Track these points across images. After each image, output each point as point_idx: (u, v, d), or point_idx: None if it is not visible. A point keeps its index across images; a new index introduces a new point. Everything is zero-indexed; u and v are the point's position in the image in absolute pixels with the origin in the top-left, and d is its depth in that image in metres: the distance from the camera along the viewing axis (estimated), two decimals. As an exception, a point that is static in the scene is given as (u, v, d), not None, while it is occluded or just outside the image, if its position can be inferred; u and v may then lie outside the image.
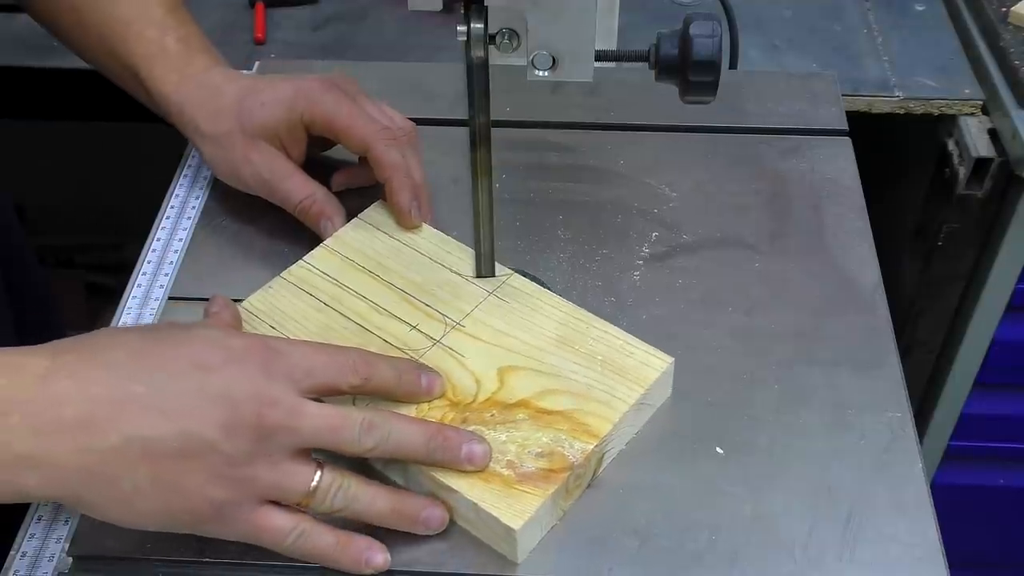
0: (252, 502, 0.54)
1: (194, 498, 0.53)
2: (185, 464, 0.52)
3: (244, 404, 0.53)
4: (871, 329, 0.71)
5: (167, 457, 0.52)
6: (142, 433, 0.52)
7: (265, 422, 0.53)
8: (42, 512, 0.62)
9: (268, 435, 0.53)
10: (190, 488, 0.53)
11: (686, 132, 0.86)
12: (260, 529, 0.55)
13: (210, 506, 0.53)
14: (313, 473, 0.55)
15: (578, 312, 0.68)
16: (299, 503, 0.56)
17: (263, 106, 0.75)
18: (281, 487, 0.55)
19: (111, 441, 0.51)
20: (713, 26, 0.61)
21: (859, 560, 0.58)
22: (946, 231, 1.03)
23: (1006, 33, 1.01)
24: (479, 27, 0.60)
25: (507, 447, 0.60)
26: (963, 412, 1.13)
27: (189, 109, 0.76)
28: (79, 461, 0.51)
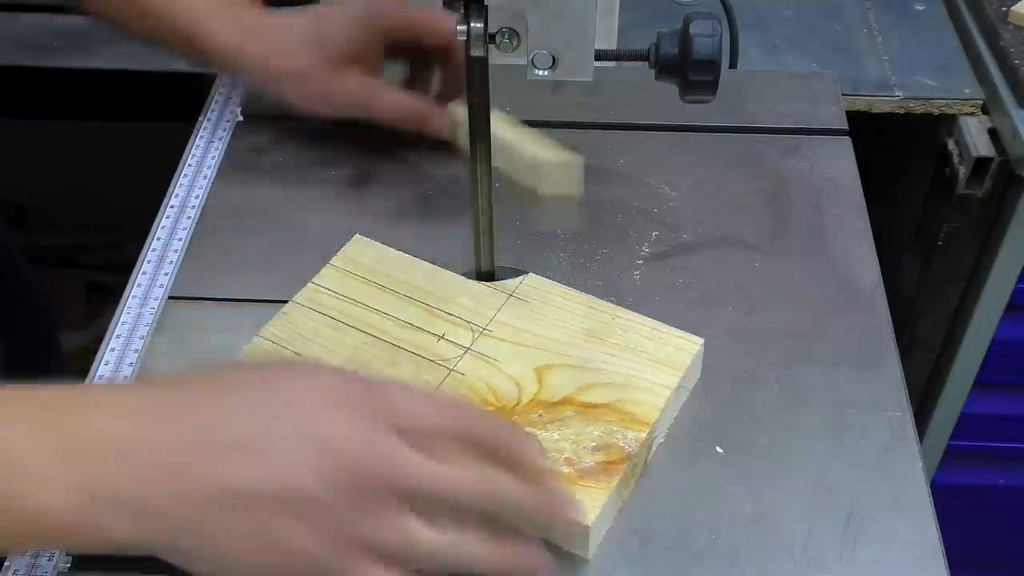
0: (357, 560, 0.48)
1: (291, 556, 0.48)
2: (283, 519, 0.47)
3: (344, 451, 0.48)
4: (871, 329, 0.71)
5: (262, 509, 0.47)
6: (232, 484, 0.47)
7: (363, 473, 0.48)
8: (42, 511, 0.62)
9: (369, 484, 0.48)
10: (289, 545, 0.48)
11: (686, 132, 0.86)
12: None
13: (315, 566, 0.48)
14: (418, 527, 0.49)
15: (599, 304, 0.69)
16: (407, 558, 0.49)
17: (339, 31, 0.76)
18: (385, 543, 0.49)
19: (203, 491, 0.47)
20: (713, 25, 0.61)
21: (859, 560, 0.58)
22: (946, 231, 1.03)
23: (1006, 33, 1.01)
24: (479, 26, 0.60)
25: (561, 445, 0.60)
26: (963, 412, 1.13)
27: (258, 54, 0.77)
28: (167, 508, 0.47)
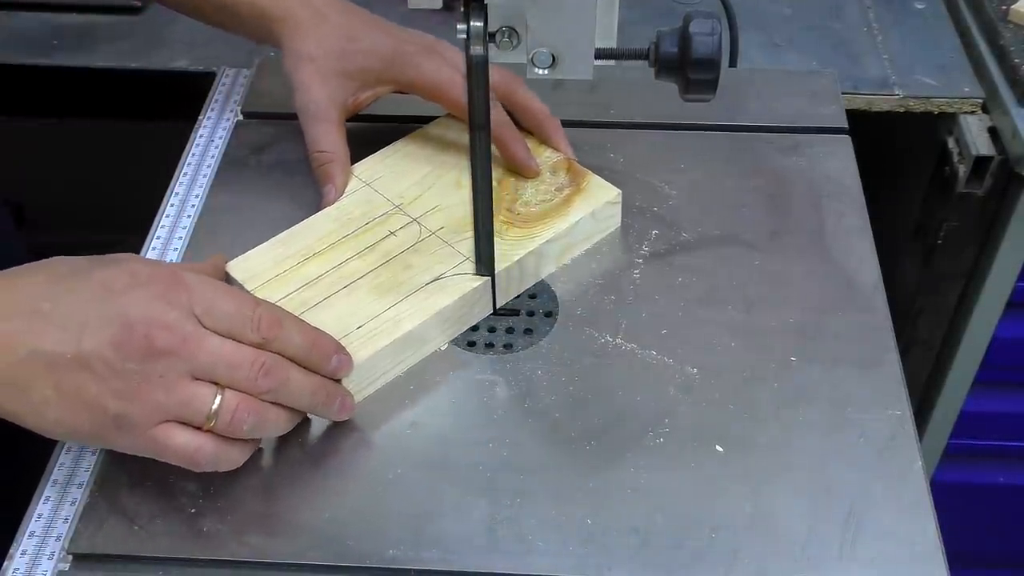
0: (150, 419, 0.57)
1: (94, 410, 0.56)
2: (82, 377, 0.56)
3: (136, 325, 0.56)
4: (871, 327, 0.71)
5: (66, 370, 0.56)
6: (44, 347, 0.56)
7: (154, 344, 0.56)
8: (42, 511, 0.62)
9: (158, 356, 0.56)
10: (89, 400, 0.56)
11: (686, 130, 0.86)
12: (161, 446, 0.57)
13: (109, 419, 0.56)
14: (212, 397, 0.57)
15: None
16: (203, 425, 0.58)
17: (358, 53, 0.77)
18: (179, 409, 0.57)
19: (20, 354, 0.56)
20: (713, 24, 0.61)
21: (859, 558, 0.58)
22: (946, 229, 1.03)
23: (1006, 31, 1.01)
24: (479, 25, 0.60)
25: None
26: (963, 410, 1.13)
27: (288, 23, 0.78)
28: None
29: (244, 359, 0.58)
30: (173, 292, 0.58)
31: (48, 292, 0.57)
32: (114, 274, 0.58)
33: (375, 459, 0.64)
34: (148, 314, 0.56)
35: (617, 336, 0.70)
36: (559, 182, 0.77)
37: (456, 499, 0.61)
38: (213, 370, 0.57)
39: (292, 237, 0.74)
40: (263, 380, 0.58)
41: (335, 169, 0.77)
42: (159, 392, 0.56)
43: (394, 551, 0.59)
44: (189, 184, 0.82)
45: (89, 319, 0.56)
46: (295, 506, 0.61)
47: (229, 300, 0.59)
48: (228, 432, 0.58)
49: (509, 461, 0.63)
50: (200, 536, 0.60)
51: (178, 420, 0.57)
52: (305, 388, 0.61)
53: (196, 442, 0.58)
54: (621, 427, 0.65)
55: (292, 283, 0.70)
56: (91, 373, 0.56)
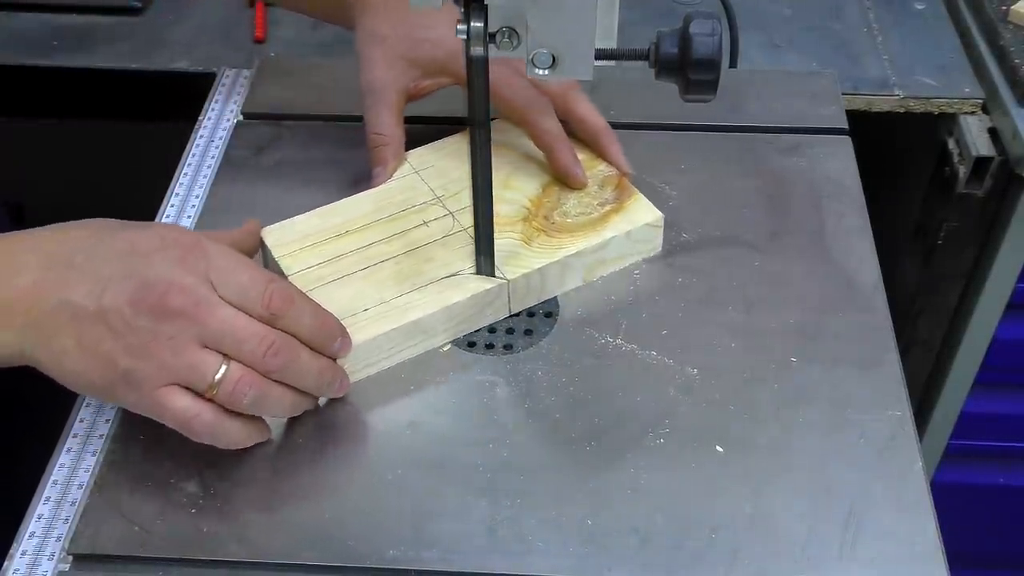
0: (156, 378, 0.58)
1: (106, 363, 0.58)
2: (100, 330, 0.57)
3: (154, 285, 0.58)
4: (871, 328, 0.71)
5: (88, 322, 0.58)
6: (70, 297, 0.58)
7: (168, 304, 0.57)
8: (42, 511, 0.62)
9: (170, 317, 0.57)
10: (102, 353, 0.58)
11: (686, 131, 0.86)
12: (162, 407, 0.58)
13: (118, 373, 0.58)
14: (217, 365, 0.58)
15: None
16: (205, 392, 0.58)
17: (427, 41, 0.78)
18: (184, 373, 0.58)
19: (50, 303, 0.58)
20: (713, 25, 0.61)
21: (859, 558, 0.58)
22: (946, 230, 1.03)
23: (1006, 32, 1.01)
24: (479, 26, 0.60)
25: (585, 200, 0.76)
26: (963, 411, 1.13)
27: (366, 3, 0.79)
28: (28, 320, 0.59)
29: (253, 334, 0.59)
30: (192, 258, 0.59)
31: (84, 246, 0.60)
32: (143, 235, 0.60)
33: (375, 459, 0.64)
34: (165, 275, 0.58)
35: (617, 337, 0.70)
36: (604, 197, 0.76)
37: (456, 499, 0.61)
38: (221, 339, 0.58)
39: (330, 212, 0.75)
40: (272, 359, 0.59)
41: (388, 152, 0.77)
42: (167, 353, 0.57)
43: (394, 551, 0.59)
44: (189, 184, 0.82)
45: (113, 275, 0.58)
46: (295, 506, 0.61)
47: (244, 272, 0.60)
48: (229, 403, 0.59)
49: (509, 461, 0.63)
50: (200, 536, 0.60)
51: (183, 384, 0.58)
52: (312, 369, 0.62)
53: (195, 408, 0.58)
54: (621, 427, 0.65)
55: (316, 257, 0.71)
56: (108, 327, 0.57)
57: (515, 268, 0.71)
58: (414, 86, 0.79)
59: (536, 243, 0.72)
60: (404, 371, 0.69)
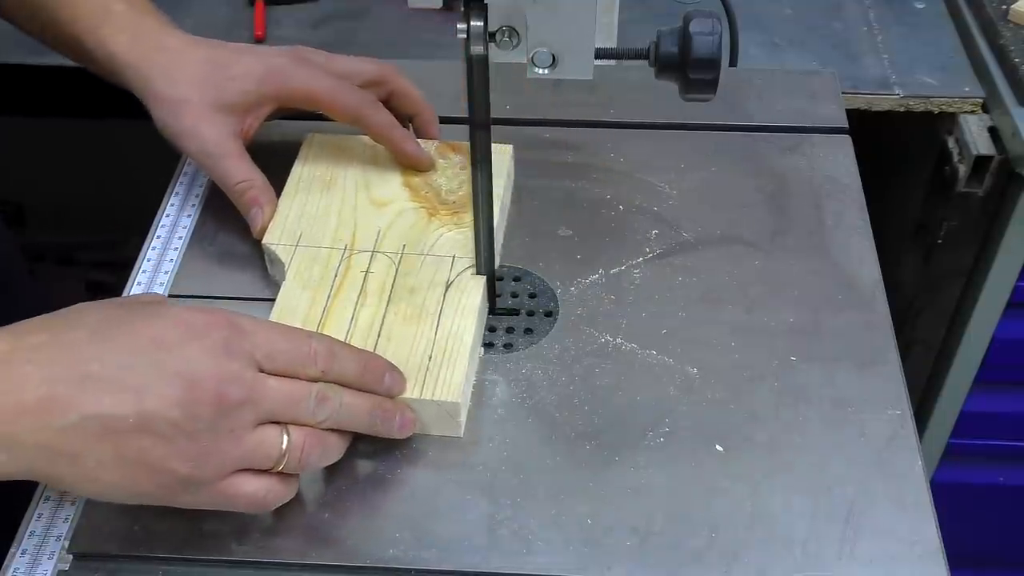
0: (220, 474, 0.55)
1: (159, 474, 0.54)
2: (146, 441, 0.53)
3: (204, 381, 0.54)
4: (871, 326, 0.71)
5: (127, 434, 0.52)
6: (100, 411, 0.52)
7: (225, 399, 0.54)
8: (42, 510, 0.62)
9: (228, 411, 0.54)
10: (154, 464, 0.53)
11: (686, 130, 0.86)
12: (232, 497, 0.56)
13: (176, 481, 0.54)
14: (280, 438, 0.56)
15: None
16: (271, 468, 0.57)
17: (232, 80, 0.75)
18: (249, 458, 0.56)
19: (70, 419, 0.52)
20: (713, 23, 0.61)
21: (859, 557, 0.58)
22: (946, 229, 1.03)
23: (1006, 31, 1.01)
24: (479, 25, 0.60)
25: None
26: (963, 410, 1.13)
27: (144, 70, 0.75)
28: (39, 440, 0.52)
29: (303, 394, 0.57)
30: (234, 340, 0.56)
31: (94, 351, 0.54)
32: (165, 327, 0.55)
33: (375, 458, 0.64)
34: (214, 369, 0.54)
35: (617, 336, 0.70)
36: (458, 161, 0.78)
37: (456, 498, 0.61)
38: (276, 413, 0.56)
39: (289, 316, 0.69)
40: (319, 409, 0.57)
41: (258, 194, 0.75)
42: (229, 446, 0.55)
43: (394, 551, 0.59)
44: (189, 184, 0.82)
45: (148, 379, 0.53)
46: (295, 506, 0.61)
47: (285, 339, 0.58)
48: (297, 469, 0.58)
49: (509, 461, 0.63)
50: (200, 536, 0.60)
51: (247, 468, 0.56)
52: (362, 409, 0.60)
53: (266, 486, 0.57)
54: (621, 427, 0.65)
55: None
56: (156, 436, 0.53)
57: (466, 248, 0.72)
58: (241, 130, 0.76)
59: (465, 224, 0.73)
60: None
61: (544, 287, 0.74)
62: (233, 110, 0.75)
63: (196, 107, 0.74)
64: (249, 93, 0.75)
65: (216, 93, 0.74)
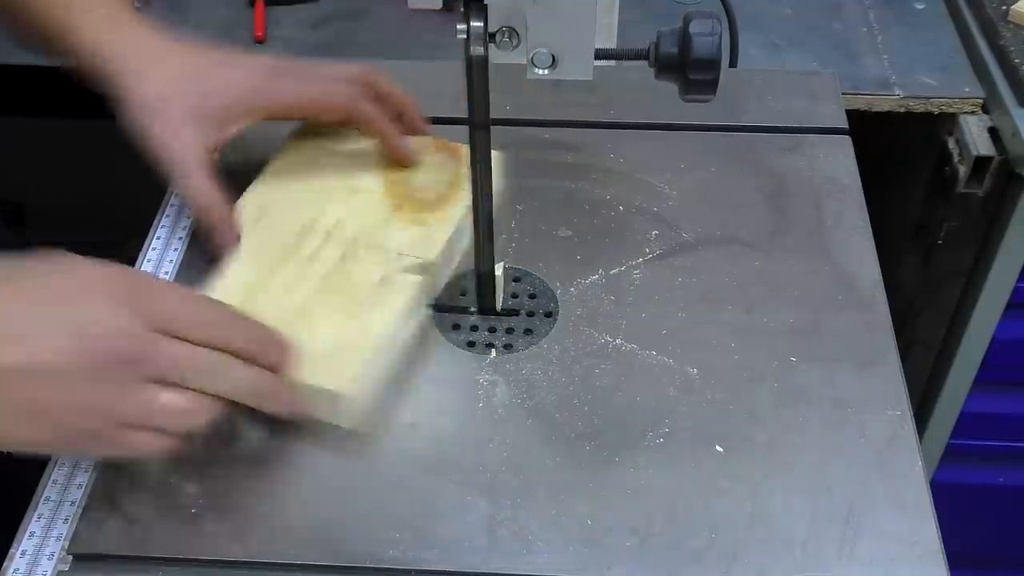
0: (114, 427, 0.56)
1: (55, 424, 0.54)
2: (39, 391, 0.53)
3: (97, 334, 0.54)
4: (871, 327, 0.71)
5: (21, 384, 0.53)
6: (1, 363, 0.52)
7: (116, 353, 0.54)
8: (42, 511, 0.62)
9: (119, 365, 0.54)
10: (49, 413, 0.54)
11: (686, 130, 0.86)
12: (131, 449, 0.57)
13: (72, 432, 0.55)
14: (165, 398, 0.56)
15: None
16: (154, 425, 0.57)
17: (211, 92, 0.73)
18: (134, 414, 0.56)
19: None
20: (713, 24, 0.61)
21: (859, 558, 0.58)
22: (946, 229, 1.03)
23: (1006, 31, 1.01)
24: (479, 25, 0.60)
25: None
26: (963, 410, 1.13)
27: (118, 64, 0.72)
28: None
29: (194, 359, 0.57)
30: (133, 298, 0.56)
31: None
32: (65, 280, 0.56)
33: (375, 459, 0.64)
34: (109, 323, 0.54)
35: (617, 336, 0.70)
36: (440, 160, 0.78)
37: (456, 499, 0.61)
38: (165, 373, 0.56)
39: (224, 285, 0.70)
40: (208, 376, 0.57)
41: (220, 226, 0.73)
42: (122, 402, 0.55)
43: (394, 551, 0.59)
44: (189, 184, 0.82)
45: (43, 330, 0.54)
46: (294, 506, 0.61)
47: (183, 302, 0.58)
48: (178, 430, 0.58)
49: (509, 461, 0.63)
50: (200, 536, 0.60)
51: (134, 424, 0.56)
52: (248, 381, 0.59)
53: (159, 441, 0.57)
54: (621, 427, 0.65)
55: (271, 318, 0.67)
56: (47, 386, 0.53)
57: (429, 248, 0.72)
58: (214, 141, 0.73)
59: (429, 222, 0.74)
60: (405, 370, 0.69)
61: (544, 287, 0.74)
62: (208, 121, 0.73)
63: (169, 113, 0.72)
64: (228, 108, 0.73)
65: (195, 101, 0.72)
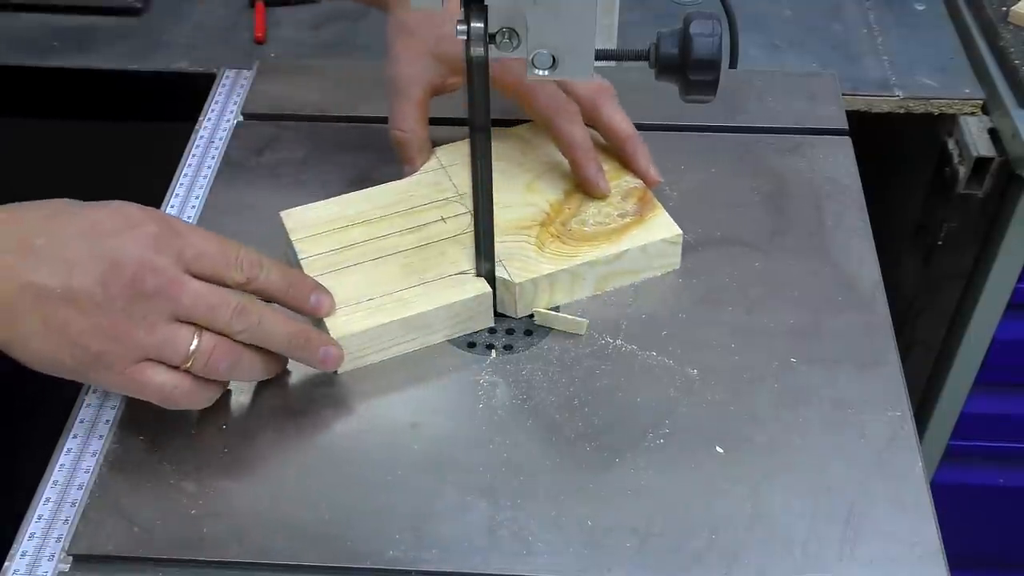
0: (130, 358, 0.59)
1: (76, 345, 0.58)
2: (69, 312, 0.58)
3: (126, 266, 0.58)
4: (871, 328, 0.71)
5: (53, 304, 0.58)
6: (34, 280, 0.58)
7: (142, 286, 0.58)
8: (42, 511, 0.62)
9: (144, 298, 0.58)
10: (72, 335, 0.58)
11: (686, 131, 0.86)
12: (141, 384, 0.60)
13: (90, 355, 0.58)
14: (191, 338, 0.60)
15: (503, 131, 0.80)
16: (180, 365, 0.60)
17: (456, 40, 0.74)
18: (159, 349, 0.59)
19: (12, 285, 0.58)
20: (713, 25, 0.61)
21: (859, 559, 0.58)
22: (946, 230, 1.03)
23: (1006, 32, 1.01)
24: (479, 26, 0.60)
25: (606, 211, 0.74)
26: (963, 411, 1.13)
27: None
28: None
29: (223, 301, 0.60)
30: (164, 236, 0.60)
31: (43, 228, 0.59)
32: (108, 215, 0.60)
33: (375, 459, 0.64)
34: (137, 255, 0.58)
35: (617, 337, 0.70)
36: (625, 208, 0.75)
37: (456, 500, 0.61)
38: (193, 312, 0.60)
39: (350, 201, 0.76)
40: (236, 319, 0.61)
41: (410, 150, 0.77)
42: (141, 332, 0.58)
43: (394, 552, 0.59)
44: (189, 185, 0.82)
45: (80, 257, 0.58)
46: (295, 507, 0.61)
47: (214, 244, 0.62)
48: (205, 373, 0.61)
49: (509, 462, 0.63)
50: (200, 537, 0.60)
51: (157, 360, 0.60)
52: (280, 329, 0.63)
53: (174, 381, 0.60)
54: (621, 428, 0.65)
55: (330, 243, 0.72)
56: (77, 309, 0.58)
57: (523, 272, 0.70)
58: (440, 82, 0.77)
59: (549, 249, 0.72)
60: (405, 371, 0.69)
61: (544, 288, 0.74)
62: (442, 62, 0.76)
63: (413, 41, 0.76)
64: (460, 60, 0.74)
65: (437, 40, 0.76)
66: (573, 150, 0.76)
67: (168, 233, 0.60)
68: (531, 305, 0.71)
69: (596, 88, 0.77)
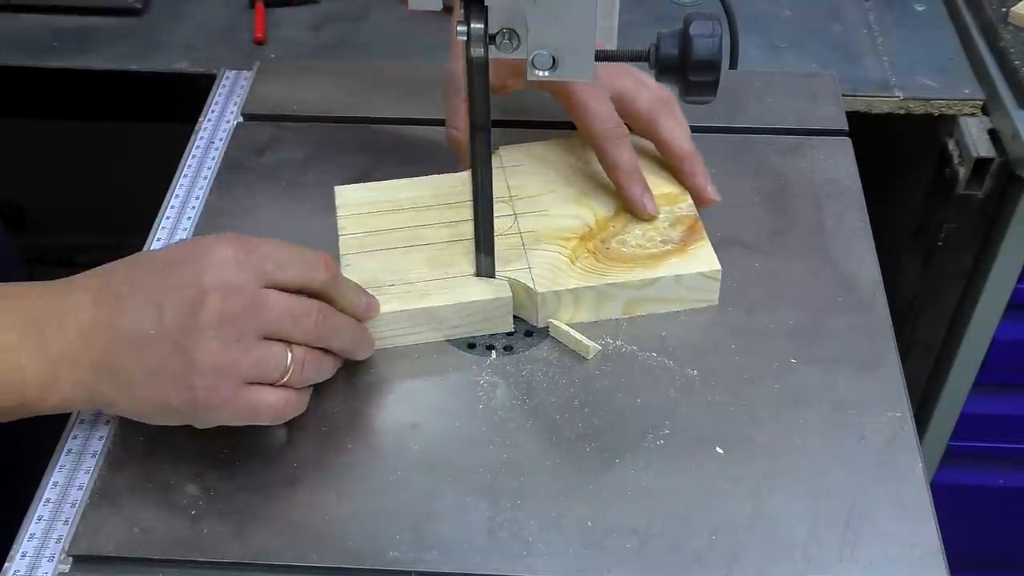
0: (233, 383, 0.59)
1: (181, 387, 0.58)
2: (166, 352, 0.58)
3: (209, 292, 0.58)
4: (871, 328, 0.71)
5: (151, 346, 0.58)
6: (129, 326, 0.58)
7: (228, 307, 0.58)
8: (42, 512, 0.62)
9: (233, 320, 0.58)
10: (175, 376, 0.58)
11: (686, 132, 0.86)
12: (253, 407, 0.60)
13: (198, 392, 0.58)
14: (285, 352, 0.61)
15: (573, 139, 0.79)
16: (276, 382, 0.61)
17: None
18: (258, 368, 0.60)
19: (109, 338, 0.59)
20: (713, 26, 0.61)
21: (859, 559, 0.58)
22: (946, 231, 1.03)
23: (1006, 33, 1.01)
24: (479, 27, 0.60)
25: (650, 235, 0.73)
26: (963, 412, 1.13)
27: None
28: (94, 357, 0.59)
29: (306, 309, 0.61)
30: (241, 255, 0.60)
31: (126, 278, 0.60)
32: (180, 248, 0.62)
33: (376, 460, 0.64)
34: (219, 279, 0.59)
35: (617, 338, 0.70)
36: (670, 235, 0.73)
37: (456, 500, 0.61)
38: (280, 325, 0.60)
39: (405, 186, 0.76)
40: (322, 325, 0.62)
41: (464, 148, 0.75)
42: (240, 355, 0.58)
43: (394, 552, 0.59)
44: (189, 186, 0.82)
45: (164, 294, 0.58)
46: (295, 507, 0.61)
47: (290, 250, 0.62)
48: (300, 383, 0.62)
49: (509, 462, 0.63)
50: (200, 538, 0.60)
51: (258, 381, 0.60)
52: (348, 331, 0.65)
53: (282, 397, 0.61)
54: (621, 429, 0.65)
55: (368, 225, 0.74)
56: (174, 347, 0.58)
57: (549, 282, 0.70)
58: (499, 83, 0.75)
59: (580, 264, 0.71)
60: (405, 371, 0.69)
61: (544, 289, 0.74)
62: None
63: None
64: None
65: None
66: (616, 172, 0.74)
67: (243, 250, 0.60)
68: (553, 316, 0.70)
69: (657, 100, 0.76)
